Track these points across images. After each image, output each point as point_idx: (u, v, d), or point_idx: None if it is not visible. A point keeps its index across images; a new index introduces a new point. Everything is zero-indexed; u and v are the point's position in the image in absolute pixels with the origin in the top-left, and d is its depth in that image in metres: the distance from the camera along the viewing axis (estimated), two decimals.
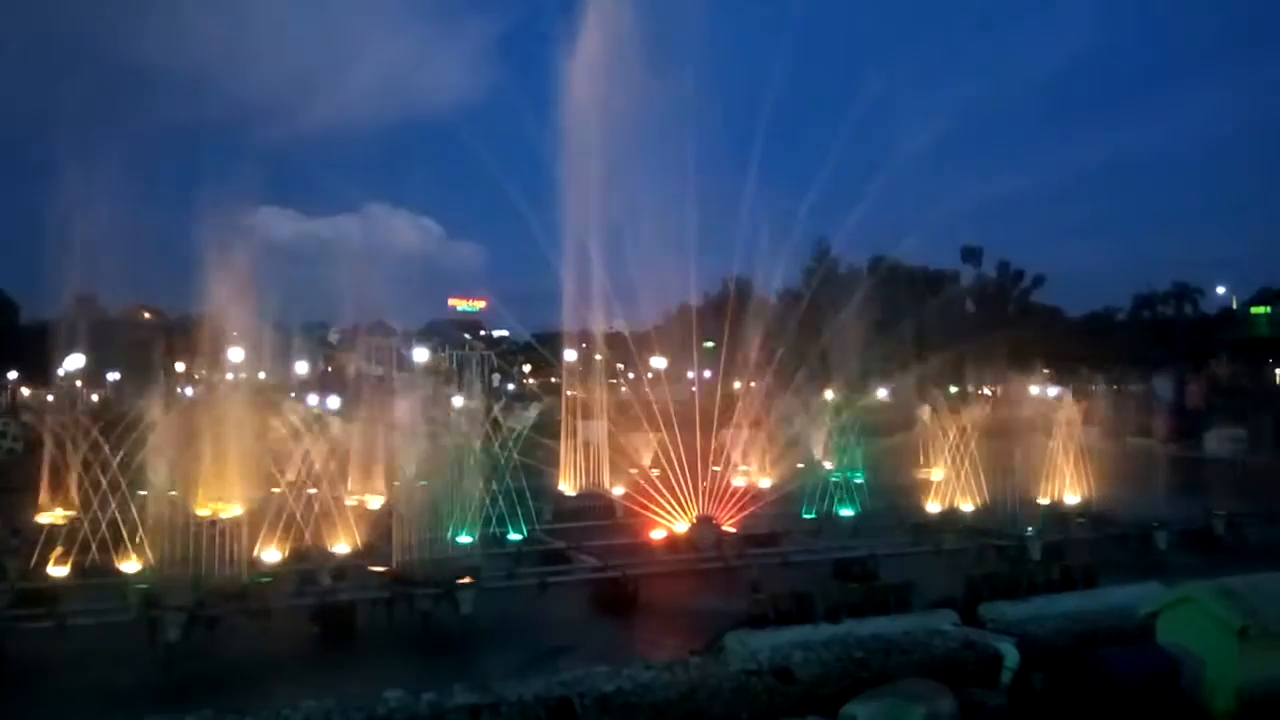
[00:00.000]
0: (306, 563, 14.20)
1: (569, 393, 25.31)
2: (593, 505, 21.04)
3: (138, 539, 14.18)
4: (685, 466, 17.63)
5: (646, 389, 21.28)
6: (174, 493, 19.46)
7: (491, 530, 16.55)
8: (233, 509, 18.25)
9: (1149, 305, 73.04)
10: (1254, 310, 74.58)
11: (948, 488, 19.63)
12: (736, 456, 22.01)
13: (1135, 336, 63.16)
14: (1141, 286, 73.76)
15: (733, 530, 17.00)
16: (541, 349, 34.26)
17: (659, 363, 25.48)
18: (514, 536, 16.67)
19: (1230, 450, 30.71)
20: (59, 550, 14.08)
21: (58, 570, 13.62)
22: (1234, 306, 76.49)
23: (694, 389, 21.75)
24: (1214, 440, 31.82)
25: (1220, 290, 75.45)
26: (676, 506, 17.32)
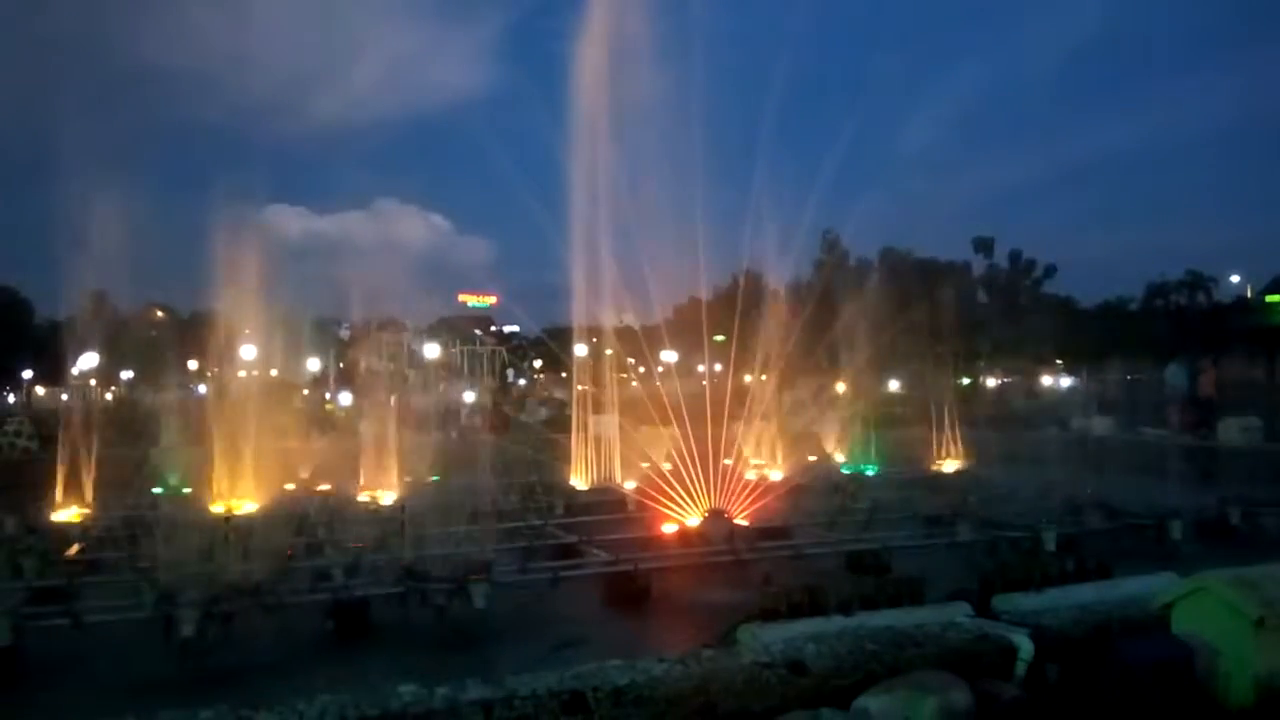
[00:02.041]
0: (320, 558, 14.26)
1: (580, 387, 25.35)
2: (604, 499, 21.09)
3: (152, 536, 14.27)
4: (696, 460, 17.63)
5: (657, 383, 21.29)
6: (188, 490, 19.68)
7: (504, 525, 16.61)
8: (246, 505, 18.41)
9: (1162, 294, 72.58)
10: (1268, 299, 74.02)
11: (960, 479, 19.58)
12: (748, 450, 22.02)
13: (1148, 326, 62.81)
14: (1154, 276, 73.35)
15: (744, 523, 16.99)
16: (552, 344, 34.28)
17: (669, 357, 25.48)
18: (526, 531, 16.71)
19: (1245, 439, 30.51)
20: (74, 547, 14.18)
21: (73, 567, 13.72)
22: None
23: (704, 383, 21.74)
24: (1228, 429, 31.61)
25: (1234, 279, 74.84)
26: (688, 500, 17.32)
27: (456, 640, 11.72)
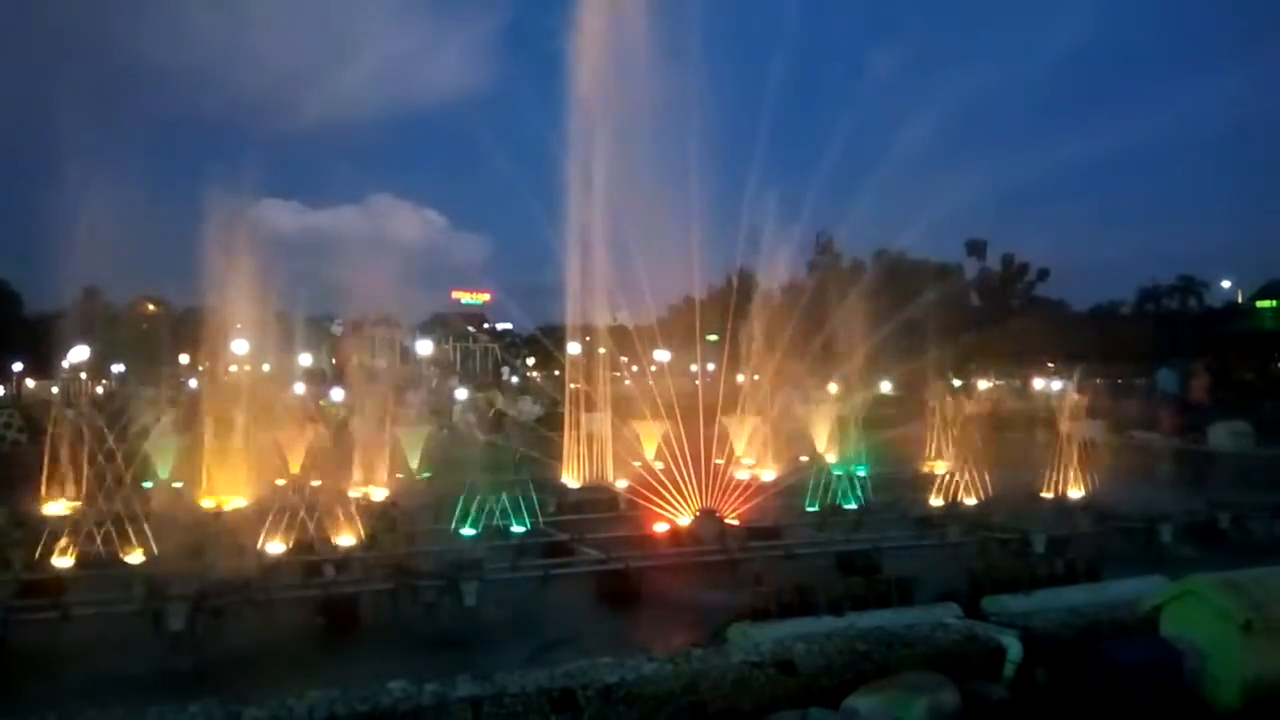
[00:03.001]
0: (310, 554, 14.24)
1: (572, 385, 25.34)
2: (596, 498, 21.08)
3: (142, 530, 14.22)
4: (688, 459, 17.63)
5: (650, 381, 21.29)
6: (178, 484, 19.63)
7: (495, 523, 16.61)
8: (237, 500, 18.37)
9: (1154, 299, 73.21)
10: (1259, 304, 74.49)
11: (951, 481, 19.62)
12: (740, 449, 22.05)
13: (1140, 330, 63.12)
14: (1146, 280, 73.96)
15: (735, 523, 17.01)
16: (545, 342, 34.28)
17: (662, 355, 25.48)
18: (517, 529, 16.71)
19: (1235, 444, 30.61)
20: (63, 541, 14.12)
21: (62, 561, 13.67)
22: (1239, 300, 76.36)
23: (697, 382, 21.76)
24: (1218, 434, 31.72)
25: (1225, 284, 75.38)
26: (680, 499, 17.33)
27: (446, 637, 11.73)
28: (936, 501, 19.29)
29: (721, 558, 15.12)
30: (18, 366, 59.54)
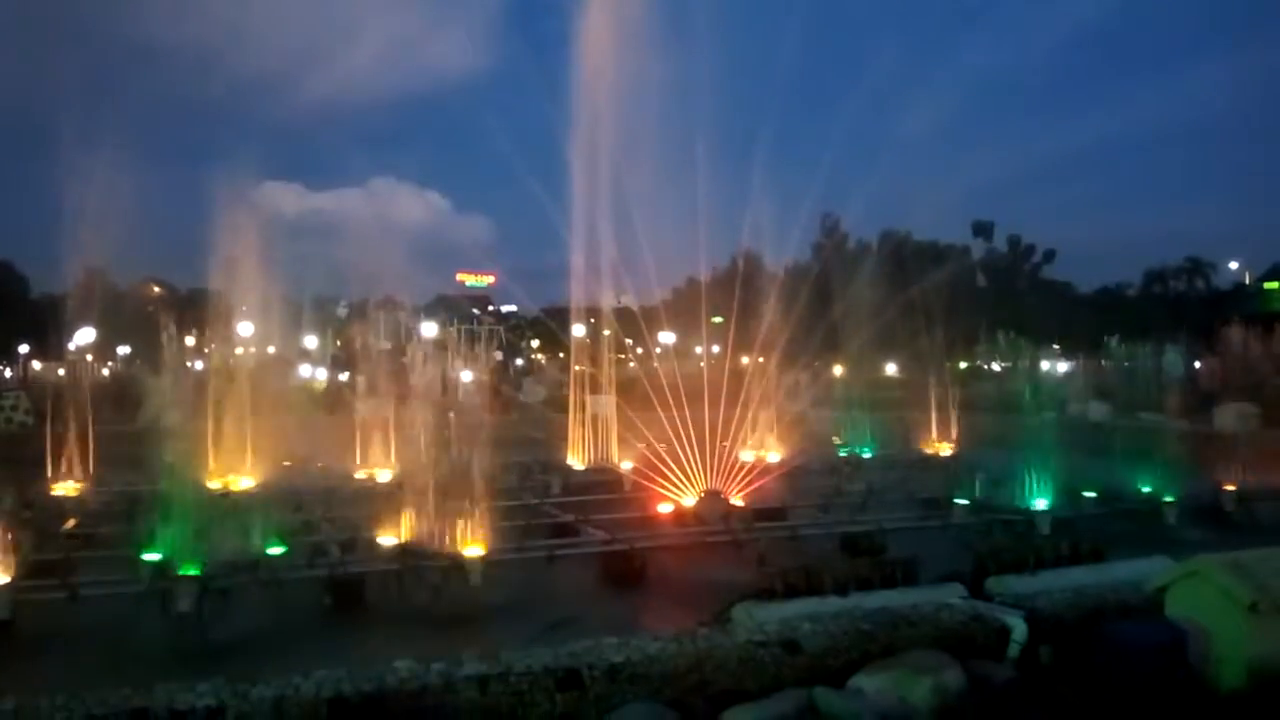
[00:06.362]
0: (317, 535, 14.28)
1: (577, 367, 25.34)
2: (601, 479, 21.12)
3: (149, 511, 14.26)
4: (693, 441, 17.63)
5: (655, 363, 21.27)
6: (185, 465, 19.65)
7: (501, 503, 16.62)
8: (244, 482, 18.43)
9: (1161, 280, 72.81)
10: (1267, 285, 74.09)
11: (956, 463, 19.60)
12: (745, 431, 22.04)
13: (1146, 311, 62.86)
14: (1153, 261, 73.56)
15: (740, 504, 17.03)
16: (550, 323, 34.25)
17: (668, 338, 25.44)
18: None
19: (1241, 425, 30.53)
20: (71, 522, 14.17)
21: (70, 542, 13.72)
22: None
23: (702, 364, 21.74)
24: (1225, 415, 31.64)
25: (1233, 265, 74.93)
26: (685, 480, 17.34)
27: (452, 617, 11.77)
28: (940, 482, 19.28)
29: (726, 538, 15.15)
30: (24, 349, 59.66)
